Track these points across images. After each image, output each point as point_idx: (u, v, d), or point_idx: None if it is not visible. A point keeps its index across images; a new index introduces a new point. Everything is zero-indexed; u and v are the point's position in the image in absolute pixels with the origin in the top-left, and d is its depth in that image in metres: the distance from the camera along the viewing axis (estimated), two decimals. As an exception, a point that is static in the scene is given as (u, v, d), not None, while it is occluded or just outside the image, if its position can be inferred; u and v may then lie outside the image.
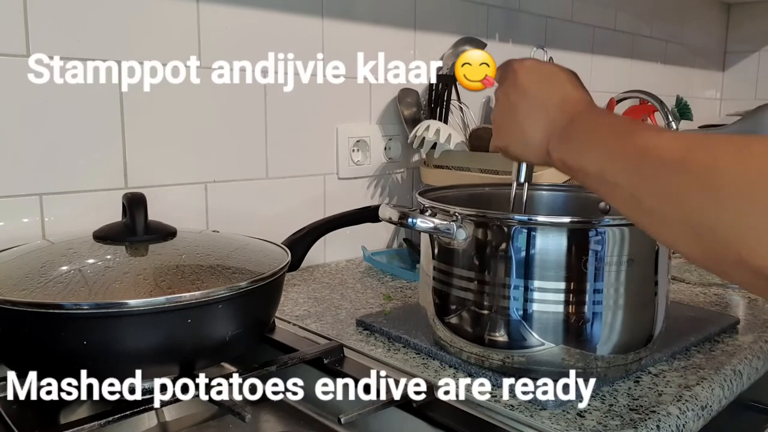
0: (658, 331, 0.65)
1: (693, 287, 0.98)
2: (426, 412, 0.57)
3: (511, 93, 0.61)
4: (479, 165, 1.05)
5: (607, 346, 0.61)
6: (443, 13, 1.25)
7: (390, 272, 1.05)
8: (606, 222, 0.60)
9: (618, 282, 0.60)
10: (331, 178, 1.11)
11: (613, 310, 0.61)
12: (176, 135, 0.91)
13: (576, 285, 0.59)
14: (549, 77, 0.60)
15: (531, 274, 0.60)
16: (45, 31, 0.78)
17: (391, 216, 0.63)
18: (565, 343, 0.60)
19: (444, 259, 0.65)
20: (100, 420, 0.53)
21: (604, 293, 0.60)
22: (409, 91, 1.19)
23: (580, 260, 0.59)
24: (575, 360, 0.60)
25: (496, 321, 0.61)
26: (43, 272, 0.58)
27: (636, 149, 0.46)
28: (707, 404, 0.61)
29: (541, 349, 0.60)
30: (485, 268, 0.62)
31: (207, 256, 0.65)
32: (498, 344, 0.62)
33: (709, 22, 2.23)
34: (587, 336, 0.60)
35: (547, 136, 0.57)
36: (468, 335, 0.64)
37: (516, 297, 0.60)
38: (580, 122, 0.55)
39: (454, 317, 0.65)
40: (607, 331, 0.61)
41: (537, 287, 0.60)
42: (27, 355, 0.57)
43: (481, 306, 0.62)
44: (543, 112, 0.58)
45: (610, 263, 0.60)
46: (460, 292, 0.64)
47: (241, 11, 0.96)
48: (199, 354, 0.60)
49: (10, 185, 0.78)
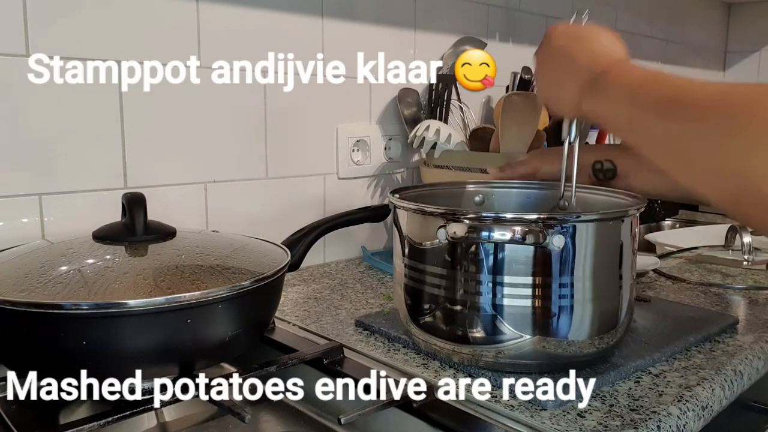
0: (622, 319, 0.65)
1: (693, 287, 0.98)
2: (426, 412, 0.57)
3: (545, 55, 0.67)
4: (479, 165, 1.05)
5: (576, 335, 0.61)
6: (443, 13, 1.25)
7: (390, 272, 1.05)
8: (568, 218, 0.61)
9: (583, 276, 0.61)
10: (331, 178, 1.11)
11: (581, 302, 0.61)
12: (176, 135, 0.91)
13: (542, 279, 0.60)
14: (579, 36, 0.65)
15: (501, 270, 0.60)
16: (45, 31, 0.78)
17: (456, 232, 0.58)
18: (539, 334, 0.61)
19: (416, 258, 0.66)
20: (100, 420, 0.53)
21: (569, 287, 0.60)
22: (409, 91, 1.19)
23: (545, 255, 0.59)
24: (551, 347, 0.61)
25: (470, 316, 0.62)
26: (42, 272, 0.58)
27: (667, 94, 0.49)
28: (708, 404, 0.61)
29: (515, 343, 0.61)
30: (456, 265, 0.62)
31: (207, 256, 0.65)
32: (474, 340, 0.62)
33: (709, 22, 2.23)
34: (556, 327, 0.61)
35: (579, 89, 0.61)
36: (442, 333, 0.64)
37: (486, 292, 0.61)
38: (610, 74, 0.58)
39: (428, 316, 0.65)
40: (576, 322, 0.61)
41: (507, 282, 0.60)
42: (27, 355, 0.57)
43: (454, 302, 0.62)
44: (573, 68, 0.62)
45: (573, 257, 0.60)
46: (433, 290, 0.64)
47: (241, 11, 0.96)
48: (198, 354, 0.60)
49: (10, 185, 0.78)
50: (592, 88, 0.59)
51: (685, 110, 0.46)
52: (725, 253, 1.17)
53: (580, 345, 0.62)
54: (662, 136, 0.48)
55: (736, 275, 1.05)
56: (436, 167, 1.12)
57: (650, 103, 0.51)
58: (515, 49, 1.41)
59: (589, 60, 0.61)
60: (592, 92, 0.59)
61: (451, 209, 0.62)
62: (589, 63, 0.61)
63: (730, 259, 1.13)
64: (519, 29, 1.43)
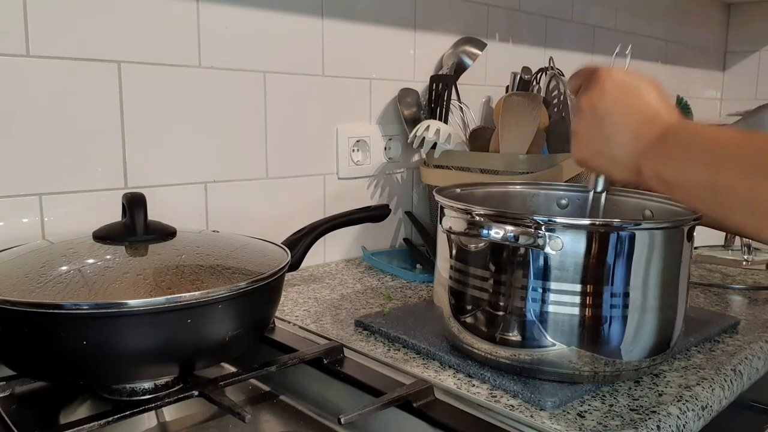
0: (676, 336, 0.63)
1: (693, 287, 0.98)
2: (426, 412, 0.57)
3: (598, 104, 0.60)
4: (479, 165, 1.05)
5: (621, 351, 0.59)
6: (443, 13, 1.25)
7: (390, 272, 1.05)
8: (628, 225, 0.58)
9: (637, 286, 0.58)
10: (331, 178, 1.11)
11: (631, 315, 0.58)
12: (176, 135, 0.91)
13: (593, 288, 0.57)
14: (637, 90, 0.59)
15: (549, 276, 0.58)
16: (45, 31, 0.78)
17: (452, 226, 0.58)
18: (578, 345, 0.58)
19: (461, 259, 0.64)
20: (100, 420, 0.53)
21: (621, 297, 0.58)
22: (409, 91, 1.19)
23: (598, 263, 0.57)
24: (583, 363, 0.59)
25: (510, 320, 0.60)
26: (42, 272, 0.58)
27: (745, 149, 0.47)
28: (707, 404, 0.61)
29: (552, 350, 0.59)
30: (502, 270, 0.60)
31: (207, 256, 0.65)
32: (511, 343, 0.60)
33: (709, 22, 2.23)
34: (601, 340, 0.58)
35: (638, 151, 0.56)
36: (482, 334, 0.62)
37: (534, 298, 0.58)
38: (677, 135, 0.54)
39: (469, 316, 0.64)
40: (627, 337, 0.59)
41: (554, 289, 0.58)
42: (27, 355, 0.57)
43: (497, 306, 0.61)
44: (634, 129, 0.57)
45: (630, 267, 0.58)
46: (476, 292, 0.62)
47: (241, 11, 0.96)
48: (198, 354, 0.60)
49: (10, 185, 0.78)
50: (658, 150, 0.55)
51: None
52: (725, 253, 1.17)
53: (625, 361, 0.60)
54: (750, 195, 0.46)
55: (736, 275, 1.05)
56: (436, 167, 1.12)
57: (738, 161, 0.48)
58: (515, 49, 1.41)
59: (654, 117, 0.56)
60: (658, 154, 0.55)
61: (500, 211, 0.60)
62: (655, 121, 0.56)
63: (730, 259, 1.13)
64: (519, 29, 1.43)
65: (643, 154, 0.56)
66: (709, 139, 0.52)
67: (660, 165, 0.55)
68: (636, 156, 0.57)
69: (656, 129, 0.56)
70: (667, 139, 0.55)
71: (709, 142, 0.52)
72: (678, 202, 0.56)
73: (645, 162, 0.56)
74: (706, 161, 0.50)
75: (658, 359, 0.62)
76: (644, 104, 0.58)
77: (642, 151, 0.56)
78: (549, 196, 0.81)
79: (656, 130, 0.56)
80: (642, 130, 0.57)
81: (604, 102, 0.59)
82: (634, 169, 0.57)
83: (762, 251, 1.14)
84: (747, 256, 1.13)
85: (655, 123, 0.56)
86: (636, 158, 0.57)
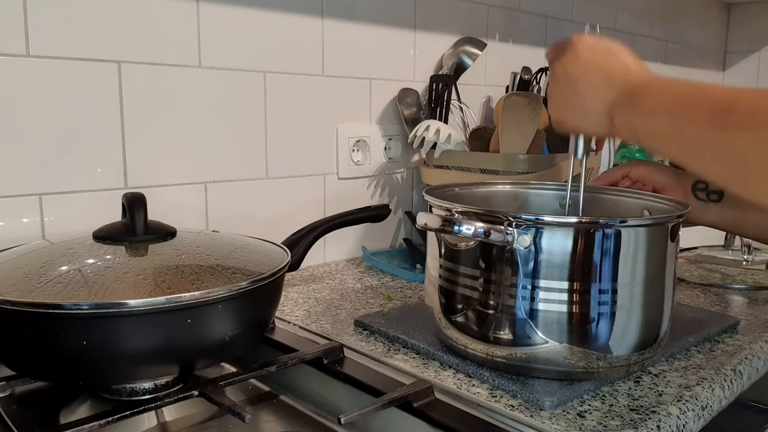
0: (663, 331, 0.64)
1: (693, 287, 0.98)
2: (426, 412, 0.57)
3: (571, 67, 0.63)
4: (479, 165, 1.05)
5: (611, 346, 0.60)
6: (443, 13, 1.25)
7: (390, 272, 1.05)
8: (612, 223, 0.59)
9: (623, 283, 0.60)
10: (331, 178, 1.11)
11: (618, 311, 0.60)
12: (176, 135, 0.91)
13: (581, 285, 0.59)
14: (608, 51, 0.62)
15: (537, 273, 0.59)
16: (45, 31, 0.78)
17: (427, 223, 0.59)
18: (569, 342, 0.59)
19: (451, 258, 0.65)
20: (100, 420, 0.53)
21: (609, 294, 0.59)
22: (409, 91, 1.19)
23: (585, 260, 0.59)
24: (577, 359, 0.60)
25: (501, 319, 0.61)
26: (42, 272, 0.58)
27: (719, 105, 0.48)
28: (707, 404, 0.61)
29: (545, 348, 0.60)
30: (491, 268, 0.61)
31: (207, 256, 0.65)
32: (502, 341, 0.61)
33: (709, 22, 2.23)
34: (591, 336, 0.60)
35: (611, 105, 0.59)
36: (473, 333, 0.63)
37: (524, 296, 0.59)
38: (651, 87, 0.57)
39: (459, 316, 0.64)
40: (616, 332, 0.60)
41: (543, 286, 0.59)
42: (27, 355, 0.57)
43: (487, 305, 0.62)
44: (606, 83, 0.60)
45: (616, 264, 0.59)
46: (466, 291, 0.63)
47: (241, 11, 0.96)
48: (199, 354, 0.60)
49: (10, 185, 0.78)
50: (629, 101, 0.58)
51: (741, 119, 0.46)
52: (725, 253, 1.17)
53: (614, 355, 0.61)
54: (717, 146, 0.47)
55: (735, 275, 1.05)
56: (436, 167, 1.12)
57: (703, 113, 0.49)
58: (515, 49, 1.41)
59: (624, 73, 0.59)
60: (630, 106, 0.58)
61: (488, 210, 0.61)
62: (625, 76, 0.59)
63: (730, 259, 1.13)
64: (519, 29, 1.43)
65: (615, 106, 0.59)
66: (677, 91, 0.54)
67: (630, 116, 0.58)
68: (609, 108, 0.59)
69: (627, 83, 0.59)
70: (638, 91, 0.57)
71: (677, 94, 0.54)
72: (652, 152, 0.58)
73: (617, 113, 0.59)
74: (673, 112, 0.53)
75: (645, 354, 0.63)
76: (616, 61, 0.61)
77: (614, 103, 0.59)
78: (551, 196, 0.81)
79: (627, 84, 0.59)
80: (614, 83, 0.60)
81: (577, 64, 0.62)
82: (607, 122, 0.60)
83: (762, 251, 1.14)
84: (747, 256, 1.13)
85: (626, 78, 0.59)
86: (609, 110, 0.60)
